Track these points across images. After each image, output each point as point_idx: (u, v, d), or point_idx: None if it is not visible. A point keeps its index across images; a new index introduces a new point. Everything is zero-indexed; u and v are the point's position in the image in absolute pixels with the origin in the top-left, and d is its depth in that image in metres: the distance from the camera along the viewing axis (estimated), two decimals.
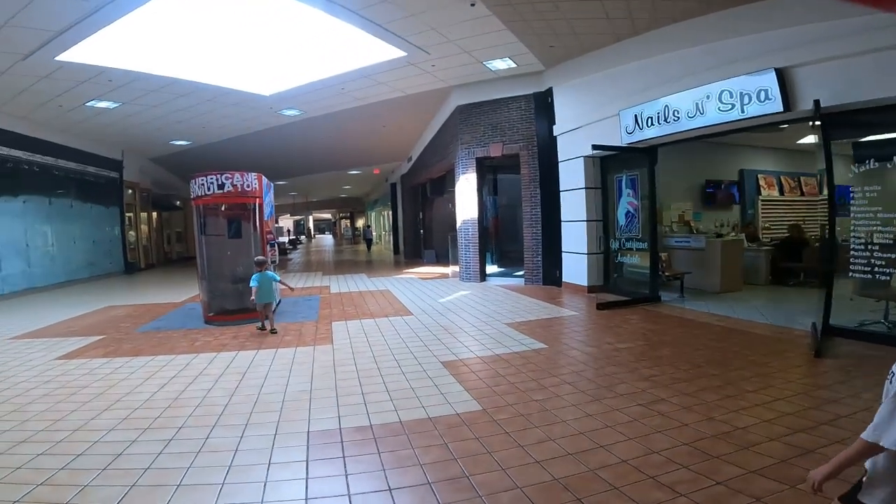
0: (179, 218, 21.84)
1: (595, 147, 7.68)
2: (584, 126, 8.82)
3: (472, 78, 9.98)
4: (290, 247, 30.73)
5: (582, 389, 4.07)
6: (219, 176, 6.73)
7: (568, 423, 3.40)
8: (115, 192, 15.33)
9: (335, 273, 14.34)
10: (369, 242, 30.13)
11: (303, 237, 48.67)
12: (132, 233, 16.88)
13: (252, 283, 6.35)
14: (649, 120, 7.29)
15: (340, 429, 3.38)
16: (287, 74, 9.42)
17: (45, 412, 3.69)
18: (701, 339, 5.51)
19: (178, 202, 20.94)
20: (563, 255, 9.64)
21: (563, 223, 9.60)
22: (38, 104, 9.62)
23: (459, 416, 3.56)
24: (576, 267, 9.27)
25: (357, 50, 8.26)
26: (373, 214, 38.01)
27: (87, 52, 7.21)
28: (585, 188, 8.91)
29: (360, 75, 9.32)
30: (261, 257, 6.83)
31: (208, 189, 6.72)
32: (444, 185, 15.00)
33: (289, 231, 52.91)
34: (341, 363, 4.94)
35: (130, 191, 16.50)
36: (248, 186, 6.91)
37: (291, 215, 48.67)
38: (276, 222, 52.44)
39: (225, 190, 6.74)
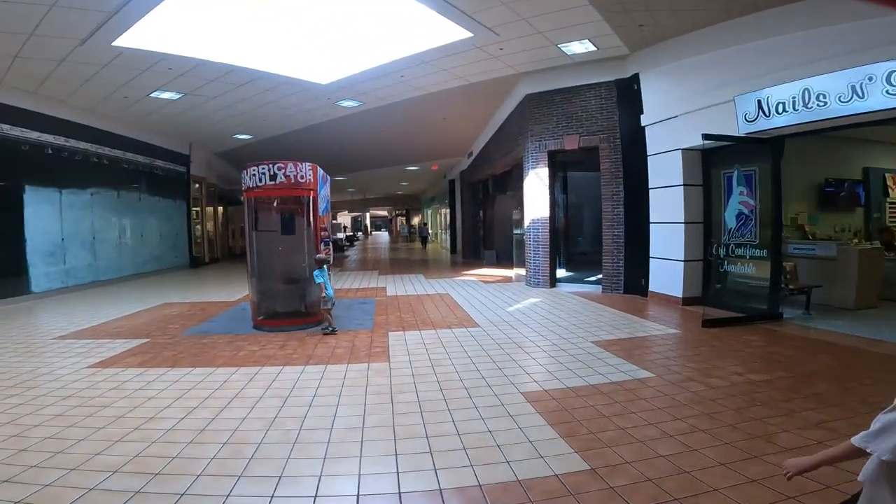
0: (243, 213, 22.17)
1: (707, 137, 6.37)
2: (681, 115, 7.52)
3: (544, 64, 8.92)
4: (347, 243, 30.81)
5: (726, 440, 3.01)
6: (271, 165, 6.12)
7: (726, 496, 2.33)
8: (182, 187, 15.55)
9: (391, 273, 13.69)
10: (424, 240, 29.72)
11: (360, 234, 49.16)
12: (198, 227, 17.17)
13: (319, 279, 5.98)
14: (780, 106, 5.91)
15: (400, 493, 2.50)
16: (344, 61, 8.78)
17: (48, 440, 3.09)
18: (861, 370, 4.31)
19: (242, 197, 21.25)
20: (651, 260, 8.34)
21: (651, 225, 8.29)
22: (103, 95, 9.59)
23: (560, 480, 2.61)
24: (667, 275, 7.95)
25: (418, 32, 7.46)
26: (429, 212, 37.51)
27: (144, 37, 6.87)
28: (684, 185, 7.58)
29: (420, 61, 8.52)
30: (322, 255, 6.33)
31: (260, 180, 6.12)
32: (508, 181, 13.95)
33: (345, 227, 53.90)
34: (399, 389, 4.09)
35: (197, 185, 16.75)
36: (301, 177, 6.26)
37: (349, 212, 49.35)
38: (335, 219, 53.55)
39: (277, 181, 6.11)
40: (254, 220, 6.60)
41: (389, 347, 5.45)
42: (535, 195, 9.88)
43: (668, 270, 7.93)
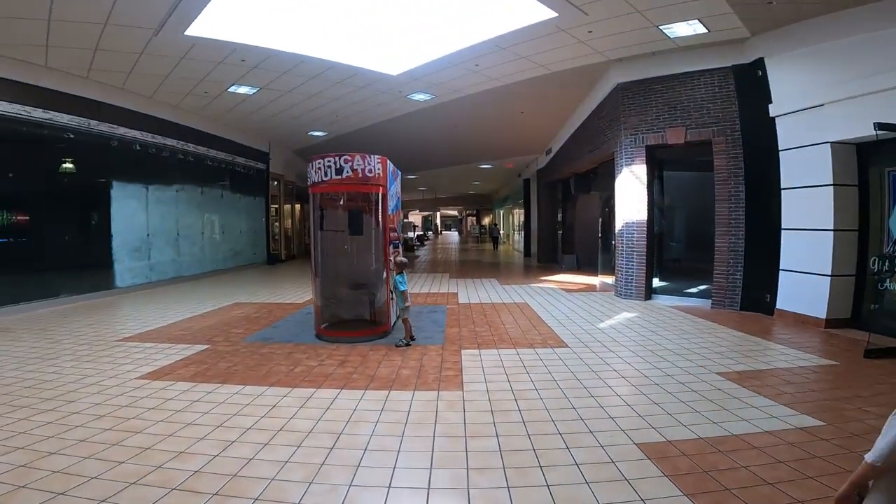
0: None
1: (881, 127, 4.91)
2: (831, 104, 6.06)
3: (642, 49, 7.76)
4: (418, 243, 30.60)
5: None
6: (337, 158, 5.53)
7: None
8: (261, 184, 15.86)
9: (463, 276, 12.91)
10: (496, 241, 28.84)
11: (430, 233, 49.18)
12: (276, 224, 17.54)
13: (403, 286, 5.46)
14: None
15: None
16: (415, 50, 8.14)
17: (55, 476, 2.59)
18: None
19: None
20: (782, 273, 6.82)
21: (784, 231, 6.79)
22: (184, 91, 9.70)
23: None
24: (806, 291, 6.44)
25: (494, 13, 6.62)
26: (500, 213, 36.47)
27: (215, 26, 6.63)
28: (834, 185, 6.05)
29: (496, 47, 7.66)
30: (403, 258, 5.82)
31: (325, 174, 5.56)
32: (593, 180, 12.66)
33: (416, 227, 54.21)
34: (476, 431, 3.25)
35: (276, 182, 17.08)
36: (370, 171, 5.62)
37: (420, 211, 49.53)
38: (405, 218, 54.14)
39: (344, 175, 5.52)
40: (319, 218, 6.07)
41: (463, 370, 4.62)
42: (630, 195, 8.63)
43: (806, 286, 6.41)
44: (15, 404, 3.60)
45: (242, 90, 9.75)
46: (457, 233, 56.93)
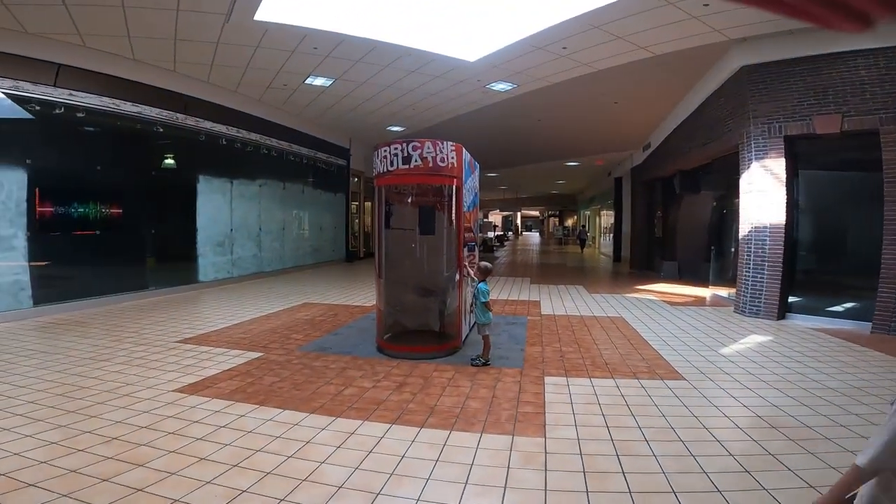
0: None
1: None
2: None
3: (775, 26, 6.35)
4: (497, 243, 29.62)
5: None
6: (404, 145, 4.81)
7: None
8: (342, 180, 15.88)
9: (545, 281, 11.74)
10: (583, 243, 27.12)
11: (510, 233, 47.90)
12: (356, 221, 17.55)
13: (485, 297, 4.72)
14: None
15: None
16: (494, 32, 7.23)
17: None
18: None
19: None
20: None
21: None
22: (264, 84, 9.64)
23: None
24: None
25: None
26: (586, 214, 34.34)
27: (284, 10, 6.25)
28: None
29: (588, 26, 6.56)
30: (488, 264, 5.06)
31: (391, 163, 4.86)
32: (703, 178, 10.89)
33: (496, 227, 53.12)
34: (562, 502, 2.30)
35: (356, 179, 17.07)
36: (442, 160, 4.83)
37: (501, 210, 48.40)
38: (485, 217, 53.47)
39: (412, 164, 4.77)
40: (385, 214, 5.40)
41: (546, 406, 3.66)
42: (761, 194, 7.04)
43: None
44: (33, 416, 3.25)
45: (318, 82, 9.49)
46: (538, 234, 54.97)
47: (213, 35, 6.98)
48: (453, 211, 5.16)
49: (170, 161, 9.12)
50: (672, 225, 12.77)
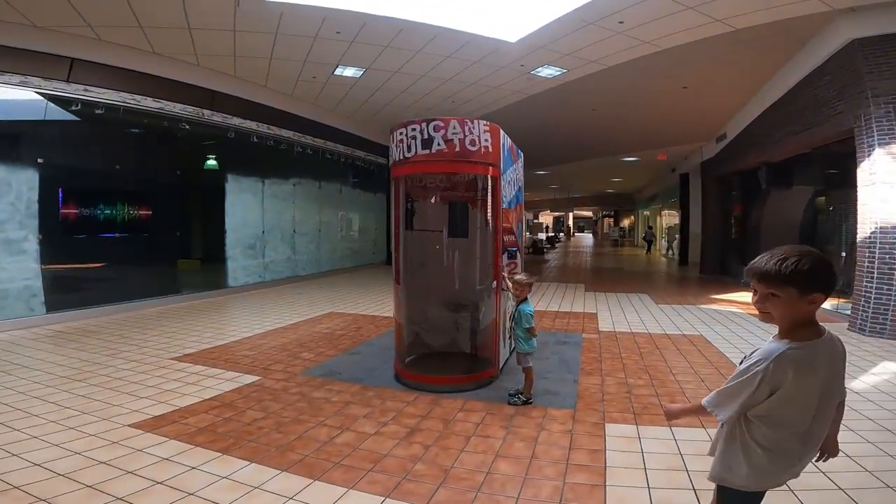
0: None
1: None
2: None
3: None
4: (548, 245, 28.11)
5: None
6: (424, 125, 3.84)
7: None
8: (382, 179, 15.17)
9: (602, 288, 10.38)
10: (650, 244, 25.39)
11: (561, 235, 45.93)
12: None
13: (529, 322, 3.61)
14: None
15: None
16: (538, 6, 6.17)
17: None
18: None
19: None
20: None
21: None
22: (293, 76, 9.04)
23: None
24: None
25: None
26: (645, 213, 32.06)
27: None
28: None
29: None
30: (528, 277, 3.80)
31: (408, 149, 3.91)
32: (799, 170, 9.21)
33: (548, 227, 51.15)
34: None
35: None
36: (472, 144, 3.83)
37: (551, 211, 46.51)
38: (535, 218, 51.81)
39: (433, 149, 3.80)
40: (406, 212, 4.47)
41: (607, 473, 2.58)
42: (888, 187, 5.54)
43: None
44: None
45: (349, 72, 8.76)
46: (591, 235, 52.47)
47: (227, 22, 6.36)
48: (489, 208, 4.14)
49: (195, 159, 8.70)
50: (754, 224, 11.03)
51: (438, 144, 3.77)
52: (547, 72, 8.54)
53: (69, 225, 6.73)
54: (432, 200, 4.62)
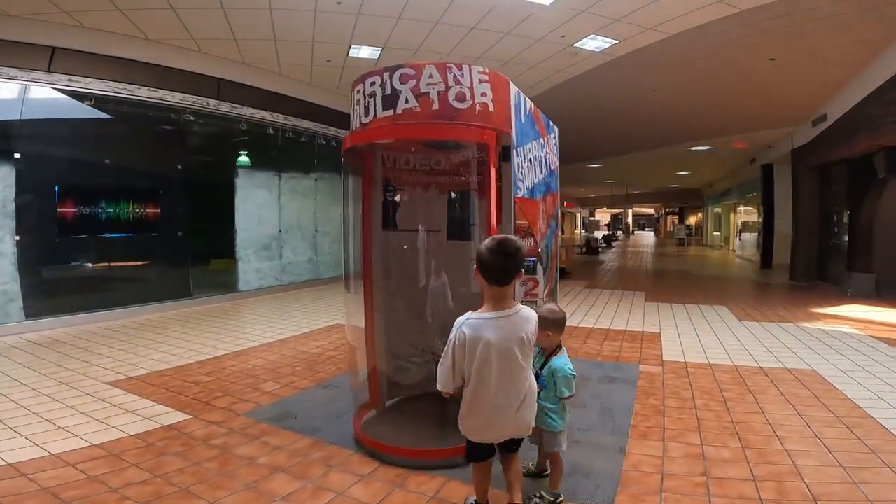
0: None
1: None
2: None
3: None
4: (604, 244, 25.99)
5: None
6: (387, 77, 2.61)
7: None
8: None
9: (666, 297, 8.61)
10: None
11: (619, 233, 43.09)
12: None
13: (568, 388, 2.24)
14: None
15: None
16: None
17: None
18: None
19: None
20: None
21: None
22: (305, 61, 8.16)
23: None
24: None
25: None
26: (715, 210, 29.00)
27: None
28: None
29: None
30: (554, 308, 2.37)
31: (366, 112, 2.71)
32: None
33: (607, 225, 48.33)
34: None
35: None
36: (460, 99, 2.56)
37: (608, 208, 43.74)
38: (591, 216, 49.61)
39: (399, 108, 2.57)
40: (386, 204, 3.29)
41: None
42: None
43: None
44: None
45: (364, 53, 7.75)
46: (652, 233, 48.89)
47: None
48: (493, 196, 2.86)
49: (200, 152, 8.03)
50: (864, 222, 8.85)
51: (406, 102, 2.54)
52: (593, 44, 7.10)
53: (55, 224, 6.16)
54: (417, 189, 3.39)
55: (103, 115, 6.64)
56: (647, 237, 43.92)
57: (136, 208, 7.13)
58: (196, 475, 2.46)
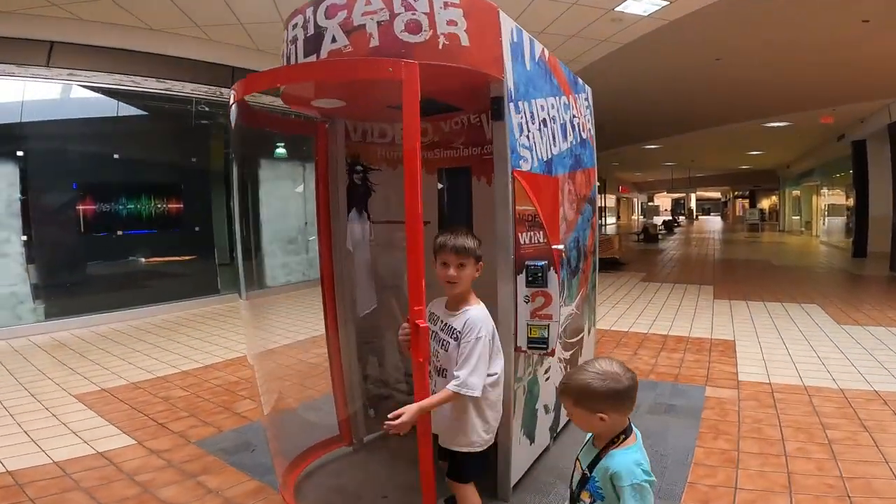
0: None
1: None
2: None
3: None
4: (664, 231, 24.20)
5: None
6: (310, 11, 1.81)
7: None
8: None
9: (740, 293, 7.27)
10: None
11: (681, 219, 40.21)
12: None
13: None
14: None
15: None
16: None
17: None
18: None
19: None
20: None
21: None
22: None
23: None
24: None
25: None
26: (794, 192, 26.10)
27: None
28: None
29: None
30: (610, 370, 1.23)
31: (289, 54, 1.95)
32: None
33: (672, 211, 45.40)
34: None
35: None
36: (414, 30, 1.69)
37: (668, 192, 40.92)
38: (650, 200, 47.25)
39: (324, 51, 1.79)
40: (353, 185, 2.59)
41: None
42: None
43: None
44: None
45: None
46: (719, 218, 45.24)
47: None
48: (417, 174, 2.06)
49: (219, 143, 7.70)
50: None
51: (334, 41, 1.75)
52: (637, 7, 5.99)
53: (71, 223, 6.00)
54: (397, 169, 2.65)
55: (115, 108, 6.43)
56: (713, 223, 40.66)
57: (158, 204, 6.94)
58: None
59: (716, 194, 48.50)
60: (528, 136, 2.19)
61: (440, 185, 2.72)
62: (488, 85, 1.96)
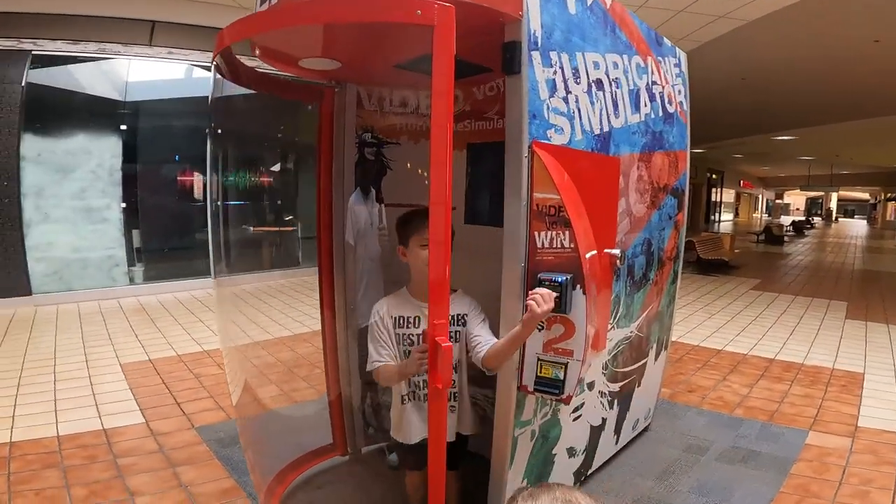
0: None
1: None
2: None
3: None
4: (793, 232, 21.15)
5: None
6: None
7: None
8: None
9: (878, 313, 5.81)
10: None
11: (816, 219, 34.83)
12: None
13: None
14: None
15: None
16: None
17: None
18: None
19: None
20: None
21: None
22: None
23: None
24: None
25: None
26: None
27: None
28: None
29: None
30: None
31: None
32: None
33: (805, 210, 39.99)
34: None
35: None
36: None
37: (802, 189, 35.51)
38: (778, 198, 42.53)
39: None
40: (354, 168, 2.25)
41: None
42: None
43: None
44: None
45: None
46: (864, 222, 38.36)
47: None
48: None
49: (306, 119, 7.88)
50: None
51: None
52: None
53: (166, 192, 6.52)
54: (420, 143, 2.25)
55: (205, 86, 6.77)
56: (857, 226, 34.51)
57: (251, 177, 7.32)
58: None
59: (863, 195, 41.24)
60: (565, 99, 1.67)
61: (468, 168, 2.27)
62: (503, 28, 1.48)
